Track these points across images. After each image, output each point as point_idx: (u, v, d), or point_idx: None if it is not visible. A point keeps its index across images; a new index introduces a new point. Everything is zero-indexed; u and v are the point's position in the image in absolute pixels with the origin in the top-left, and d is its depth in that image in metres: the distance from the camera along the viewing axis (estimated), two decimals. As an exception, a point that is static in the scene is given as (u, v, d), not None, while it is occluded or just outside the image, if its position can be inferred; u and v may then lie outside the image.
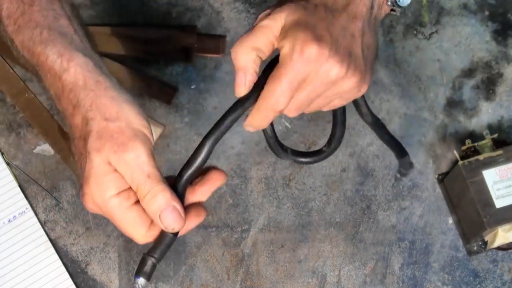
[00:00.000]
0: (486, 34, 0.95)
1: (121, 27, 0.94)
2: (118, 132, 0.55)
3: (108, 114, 0.55)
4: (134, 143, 0.55)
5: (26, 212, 0.87)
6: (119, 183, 0.55)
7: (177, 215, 0.55)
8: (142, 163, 0.55)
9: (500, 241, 0.84)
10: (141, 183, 0.55)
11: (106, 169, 0.55)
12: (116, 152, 0.54)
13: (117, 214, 0.56)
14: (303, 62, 0.56)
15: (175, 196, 0.56)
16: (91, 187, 0.55)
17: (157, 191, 0.55)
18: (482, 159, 0.83)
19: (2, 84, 0.90)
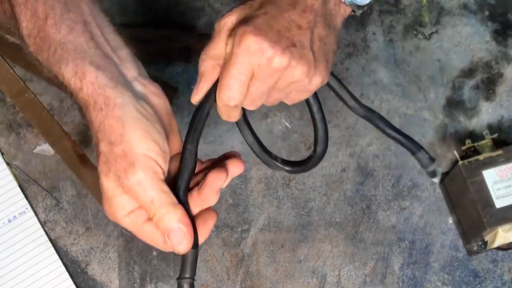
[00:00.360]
0: (486, 34, 0.95)
1: (121, 27, 0.94)
2: (121, 157, 0.55)
3: (114, 137, 0.56)
4: (135, 170, 0.55)
5: (26, 212, 0.87)
6: (129, 204, 0.56)
7: (183, 236, 0.57)
8: (145, 188, 0.55)
9: (500, 241, 0.84)
10: (146, 206, 0.56)
11: (115, 192, 0.56)
12: (120, 178, 0.55)
13: (133, 230, 0.58)
14: (243, 54, 0.57)
15: (182, 215, 0.57)
16: (105, 206, 0.57)
17: (163, 214, 0.56)
18: (482, 159, 0.83)
19: (2, 84, 0.90)
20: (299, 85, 0.59)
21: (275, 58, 0.56)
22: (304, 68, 0.58)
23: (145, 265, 0.86)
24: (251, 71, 0.57)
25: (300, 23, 0.58)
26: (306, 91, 0.61)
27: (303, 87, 0.60)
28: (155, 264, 0.86)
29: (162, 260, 0.87)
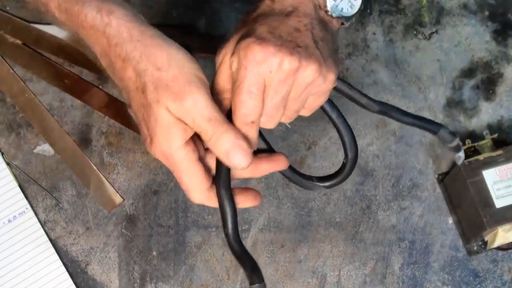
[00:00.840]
0: (486, 34, 0.95)
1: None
2: (173, 81, 0.55)
3: (160, 63, 0.55)
4: (191, 89, 0.55)
5: (26, 212, 0.87)
6: (185, 133, 0.56)
7: (244, 152, 0.56)
8: (201, 108, 0.55)
9: (500, 241, 0.84)
10: (203, 128, 0.55)
11: (170, 120, 0.55)
12: (174, 101, 0.54)
13: (182, 166, 0.57)
14: (251, 65, 0.56)
15: (239, 134, 0.56)
16: (158, 137, 0.56)
17: (221, 133, 0.55)
18: (482, 159, 0.83)
19: (2, 84, 0.90)
20: (314, 86, 0.59)
21: (285, 61, 0.56)
22: (315, 66, 0.57)
23: (145, 265, 0.86)
24: (262, 82, 0.57)
25: (298, 27, 0.59)
26: (322, 93, 0.61)
27: (319, 88, 0.59)
28: (155, 264, 0.86)
29: (162, 260, 0.87)
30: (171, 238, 0.87)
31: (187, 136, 0.56)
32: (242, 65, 0.56)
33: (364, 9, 0.95)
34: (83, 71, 0.92)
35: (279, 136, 0.90)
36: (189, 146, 0.57)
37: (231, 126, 0.56)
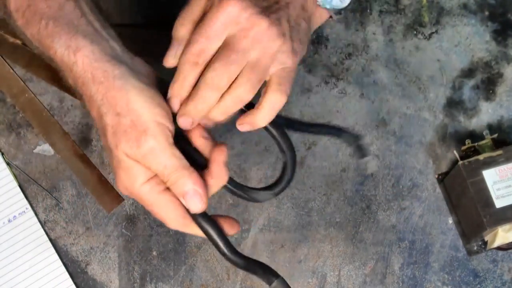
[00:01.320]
0: (486, 34, 0.95)
1: (121, 27, 0.94)
2: (130, 127, 0.55)
3: (119, 108, 0.55)
4: (146, 138, 0.55)
5: (26, 212, 0.87)
6: (146, 172, 0.56)
7: (199, 197, 0.57)
8: (157, 155, 0.55)
9: (500, 241, 0.84)
10: (159, 173, 0.56)
11: (130, 163, 0.56)
12: (131, 148, 0.55)
13: (149, 200, 0.57)
14: (223, 13, 0.57)
15: (196, 177, 0.57)
16: (120, 177, 0.57)
17: (177, 178, 0.56)
18: (482, 159, 0.83)
19: (2, 84, 0.90)
20: (273, 48, 0.59)
21: (254, 15, 0.57)
22: (279, 30, 0.58)
23: (145, 265, 0.86)
24: (225, 35, 0.57)
25: (277, 1, 0.59)
26: (279, 60, 0.60)
27: (274, 50, 0.59)
28: (155, 264, 0.86)
29: (162, 260, 0.87)
30: (171, 238, 0.87)
31: (149, 174, 0.57)
32: (212, 9, 0.57)
33: (364, 9, 0.95)
34: (83, 71, 0.92)
35: (279, 136, 0.90)
36: (154, 179, 0.57)
37: (188, 171, 0.57)
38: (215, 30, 0.58)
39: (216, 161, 0.59)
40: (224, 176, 0.60)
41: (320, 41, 0.94)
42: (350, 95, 0.92)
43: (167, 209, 0.58)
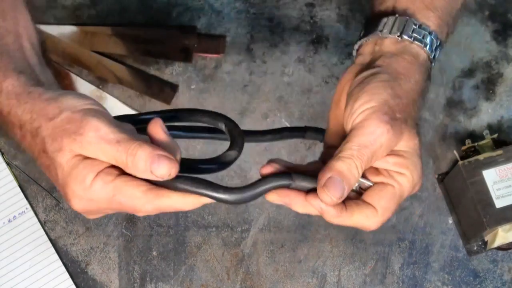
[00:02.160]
0: (486, 34, 0.95)
1: (121, 27, 0.94)
2: (68, 122, 0.53)
3: (51, 113, 0.54)
4: (88, 121, 0.52)
5: (26, 212, 0.87)
6: (94, 166, 0.53)
7: (167, 159, 0.52)
8: (105, 134, 0.52)
9: (500, 241, 0.84)
10: (115, 152, 0.52)
11: (75, 162, 0.53)
12: (76, 140, 0.52)
13: (108, 193, 0.53)
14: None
15: (156, 146, 0.53)
16: (71, 186, 0.53)
17: (135, 150, 0.52)
18: (482, 159, 0.83)
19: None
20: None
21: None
22: None
23: (145, 265, 0.86)
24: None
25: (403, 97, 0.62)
26: None
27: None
28: (155, 264, 0.86)
29: (162, 260, 0.87)
30: (171, 238, 0.87)
31: (97, 169, 0.53)
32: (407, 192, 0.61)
33: (364, 9, 0.95)
34: (83, 71, 0.92)
35: (279, 136, 0.90)
36: (102, 172, 0.53)
37: (143, 141, 0.53)
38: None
39: (154, 133, 0.54)
40: (173, 143, 0.55)
41: (320, 41, 0.94)
42: (350, 95, 0.92)
43: (130, 190, 0.53)
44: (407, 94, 0.60)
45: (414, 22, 0.63)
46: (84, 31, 0.93)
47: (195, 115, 0.64)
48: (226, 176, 0.88)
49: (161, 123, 0.54)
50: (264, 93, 0.92)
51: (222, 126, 0.63)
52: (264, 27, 0.95)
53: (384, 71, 0.61)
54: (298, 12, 0.95)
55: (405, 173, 0.59)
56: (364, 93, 0.59)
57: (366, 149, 0.57)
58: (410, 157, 0.59)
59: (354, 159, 0.56)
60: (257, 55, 0.94)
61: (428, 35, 0.63)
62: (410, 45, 0.63)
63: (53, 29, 0.92)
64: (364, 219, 0.59)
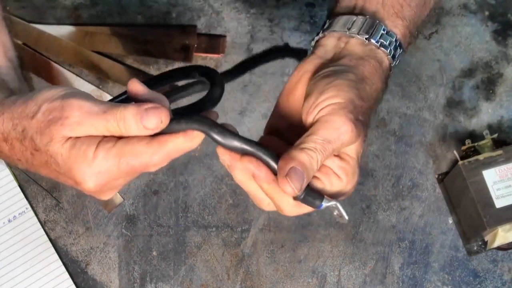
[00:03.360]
0: (486, 34, 0.95)
1: (121, 27, 0.94)
2: (50, 113, 0.53)
3: (31, 112, 0.54)
4: (68, 103, 0.52)
5: (26, 212, 0.87)
6: (91, 140, 0.52)
7: (154, 110, 0.52)
8: (89, 109, 0.52)
9: (500, 241, 0.84)
10: (105, 122, 0.52)
11: (70, 144, 0.52)
12: (63, 124, 0.52)
13: (114, 159, 0.53)
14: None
15: (140, 103, 0.53)
16: (75, 167, 0.53)
17: (122, 113, 0.52)
18: (482, 159, 0.83)
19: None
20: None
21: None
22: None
23: (145, 265, 0.86)
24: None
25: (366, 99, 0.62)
26: None
27: None
28: (155, 264, 0.86)
29: (162, 260, 0.87)
30: (171, 238, 0.87)
31: (94, 141, 0.52)
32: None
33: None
34: (83, 71, 0.92)
35: (279, 136, 0.90)
36: (101, 142, 0.53)
37: (127, 103, 0.53)
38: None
39: (135, 93, 0.54)
40: (157, 95, 0.55)
41: (320, 41, 0.94)
42: (350, 95, 0.92)
43: (133, 147, 0.53)
44: (369, 99, 0.60)
45: (383, 28, 0.63)
46: (84, 31, 0.93)
47: (169, 78, 0.64)
48: (226, 176, 0.88)
49: (138, 80, 0.54)
50: (264, 93, 0.92)
51: (196, 75, 0.63)
52: (264, 27, 0.95)
53: (351, 71, 0.61)
54: (298, 12, 0.95)
55: (342, 179, 0.59)
56: (331, 88, 0.59)
57: (329, 145, 0.57)
58: (353, 165, 0.59)
59: (318, 153, 0.56)
60: (257, 55, 0.94)
61: (393, 43, 0.64)
62: (376, 50, 0.63)
63: (53, 29, 0.92)
64: (286, 203, 0.58)
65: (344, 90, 0.58)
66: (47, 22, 0.93)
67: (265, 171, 0.56)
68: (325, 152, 0.56)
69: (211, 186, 0.89)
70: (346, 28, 0.64)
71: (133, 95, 0.54)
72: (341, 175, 0.59)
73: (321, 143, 0.56)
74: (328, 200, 0.57)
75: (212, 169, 0.89)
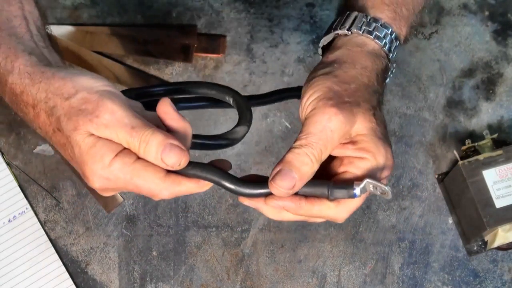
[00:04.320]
0: (486, 34, 0.95)
1: (121, 27, 0.94)
2: (84, 103, 0.53)
3: (67, 93, 0.54)
4: (104, 103, 0.53)
5: (26, 212, 0.87)
6: (112, 146, 0.53)
7: (178, 149, 0.53)
8: (121, 118, 0.53)
9: (500, 241, 0.84)
10: (129, 137, 0.53)
11: (92, 141, 0.53)
12: (92, 121, 0.53)
13: (126, 174, 0.54)
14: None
15: (167, 133, 0.54)
16: (89, 165, 0.53)
17: (148, 137, 0.53)
18: (482, 159, 0.83)
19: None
20: None
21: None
22: None
23: (145, 265, 0.86)
24: None
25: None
26: None
27: None
28: (155, 264, 0.86)
29: (162, 260, 0.87)
30: (171, 238, 0.87)
31: (115, 149, 0.53)
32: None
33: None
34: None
35: (279, 136, 0.90)
36: (122, 153, 0.54)
37: (157, 128, 0.53)
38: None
39: (163, 113, 0.55)
40: (183, 123, 0.55)
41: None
42: (350, 95, 0.92)
43: (149, 175, 0.53)
44: (355, 79, 0.61)
45: (366, 16, 0.64)
46: (84, 31, 0.93)
47: (203, 88, 0.65)
48: (226, 176, 0.88)
49: (170, 102, 0.55)
50: (264, 93, 0.92)
51: (230, 99, 0.64)
52: (264, 27, 0.95)
53: (326, 65, 0.62)
54: (298, 12, 0.95)
55: (366, 157, 0.58)
56: (308, 88, 0.60)
57: (314, 136, 0.57)
58: (369, 140, 0.59)
59: (303, 148, 0.57)
60: (257, 55, 0.94)
61: (381, 28, 0.64)
62: (356, 37, 0.64)
63: (53, 29, 0.92)
64: (327, 209, 0.58)
65: (320, 84, 0.60)
66: (47, 22, 0.93)
67: (291, 199, 0.57)
68: (312, 144, 0.57)
69: (211, 186, 0.88)
70: (332, 29, 0.66)
71: (161, 114, 0.55)
72: (362, 155, 0.58)
73: (305, 138, 0.57)
74: (359, 183, 0.57)
75: (212, 169, 0.89)
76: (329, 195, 0.57)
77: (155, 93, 0.63)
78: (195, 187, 0.56)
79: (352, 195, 0.57)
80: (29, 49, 0.59)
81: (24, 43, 0.59)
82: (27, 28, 0.61)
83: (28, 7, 0.63)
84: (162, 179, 0.54)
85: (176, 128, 0.55)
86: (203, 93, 0.65)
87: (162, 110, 0.55)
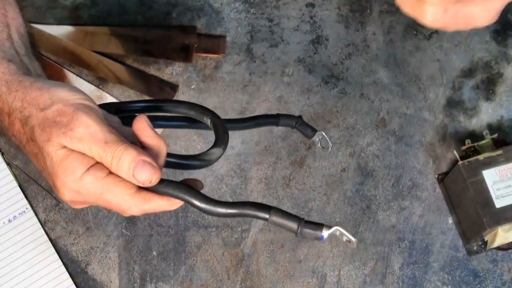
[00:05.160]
0: (486, 34, 0.95)
1: (121, 27, 0.94)
2: (59, 115, 0.54)
3: (43, 104, 0.54)
4: (78, 117, 0.53)
5: (26, 212, 0.87)
6: (84, 160, 0.53)
7: (150, 166, 0.53)
8: (95, 132, 0.53)
9: (500, 241, 0.84)
10: (102, 152, 0.53)
11: (64, 153, 0.53)
12: (65, 134, 0.53)
13: (97, 189, 0.54)
14: None
15: (141, 150, 0.54)
16: (60, 177, 0.54)
17: (121, 152, 0.53)
18: (482, 159, 0.83)
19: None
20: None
21: None
22: None
23: (145, 265, 0.86)
24: None
25: None
26: None
27: None
28: (155, 264, 0.86)
29: (162, 260, 0.87)
30: (171, 238, 0.87)
31: (87, 163, 0.53)
32: None
33: (364, 9, 0.95)
34: (83, 71, 0.92)
35: (279, 136, 0.90)
36: (93, 167, 0.54)
37: (130, 144, 0.54)
38: None
39: (139, 129, 0.55)
40: (158, 141, 0.55)
41: (320, 41, 0.94)
42: (350, 95, 0.92)
43: (119, 191, 0.54)
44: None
45: None
46: (84, 31, 0.93)
47: (182, 108, 0.65)
48: (225, 176, 0.89)
49: (146, 119, 0.55)
50: (264, 93, 0.92)
51: (208, 121, 0.64)
52: (264, 27, 0.95)
53: None
54: (298, 12, 0.95)
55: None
56: None
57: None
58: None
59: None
60: (257, 55, 0.94)
61: None
62: None
63: (53, 29, 0.92)
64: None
65: None
66: (47, 22, 0.93)
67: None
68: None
69: (211, 186, 0.89)
70: None
71: (137, 130, 0.55)
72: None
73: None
74: (328, 228, 0.58)
75: (212, 169, 0.89)
76: (297, 231, 0.58)
77: (134, 109, 0.63)
78: (165, 204, 0.56)
79: (319, 238, 0.58)
80: (9, 56, 0.58)
81: (4, 50, 0.59)
82: (8, 35, 0.61)
83: (12, 14, 0.63)
84: (132, 195, 0.54)
85: (150, 145, 0.55)
86: (182, 112, 0.65)
87: (138, 127, 0.55)
